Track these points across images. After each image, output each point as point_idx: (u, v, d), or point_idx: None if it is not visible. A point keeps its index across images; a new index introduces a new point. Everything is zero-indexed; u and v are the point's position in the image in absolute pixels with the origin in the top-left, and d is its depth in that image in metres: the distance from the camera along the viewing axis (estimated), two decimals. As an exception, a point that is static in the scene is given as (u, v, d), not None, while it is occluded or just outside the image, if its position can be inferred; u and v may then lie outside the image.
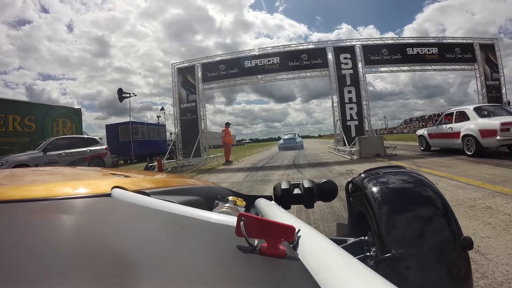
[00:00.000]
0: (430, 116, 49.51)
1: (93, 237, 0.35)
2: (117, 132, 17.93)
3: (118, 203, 0.50)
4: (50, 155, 8.73)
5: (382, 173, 0.87)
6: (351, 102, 9.79)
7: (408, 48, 10.60)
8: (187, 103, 11.20)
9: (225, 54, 11.12)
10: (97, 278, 0.23)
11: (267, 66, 10.36)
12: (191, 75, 11.22)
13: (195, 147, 10.33)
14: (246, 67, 10.55)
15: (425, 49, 10.79)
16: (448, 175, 4.19)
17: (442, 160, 6.16)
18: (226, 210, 0.60)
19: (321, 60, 10.14)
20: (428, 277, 0.61)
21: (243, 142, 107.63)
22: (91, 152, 10.21)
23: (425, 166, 5.32)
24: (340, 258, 0.32)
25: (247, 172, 6.94)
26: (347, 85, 9.88)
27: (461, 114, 7.07)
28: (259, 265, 0.29)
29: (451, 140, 7.26)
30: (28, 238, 0.32)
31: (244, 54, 10.81)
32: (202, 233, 0.40)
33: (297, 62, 10.24)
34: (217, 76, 10.89)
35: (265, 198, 0.96)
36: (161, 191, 0.65)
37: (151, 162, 10.68)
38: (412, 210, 0.70)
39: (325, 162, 7.65)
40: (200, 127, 10.92)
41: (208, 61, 11.16)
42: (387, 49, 10.35)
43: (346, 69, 9.94)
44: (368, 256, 0.73)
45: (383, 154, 7.73)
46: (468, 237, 0.64)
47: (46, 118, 13.35)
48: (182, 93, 11.28)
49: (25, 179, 0.74)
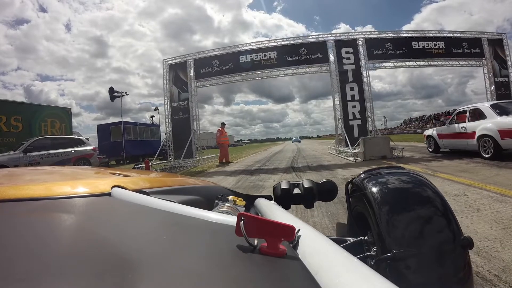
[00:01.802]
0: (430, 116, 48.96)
1: (93, 236, 0.34)
2: (108, 132, 17.56)
3: (118, 202, 0.50)
4: (31, 156, 8.24)
5: (381, 173, 0.87)
6: (353, 100, 9.12)
7: (413, 42, 9.97)
8: (178, 101, 10.51)
9: (219, 49, 10.43)
10: (97, 278, 0.23)
11: (264, 61, 9.65)
12: (183, 72, 10.53)
13: (186, 148, 9.65)
14: (242, 63, 9.85)
15: (431, 44, 10.18)
16: (473, 183, 3.53)
17: (457, 163, 5.51)
18: (226, 209, 0.60)
19: (321, 54, 9.45)
20: (428, 276, 0.61)
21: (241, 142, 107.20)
22: (76, 153, 9.83)
23: (441, 171, 4.66)
24: (341, 257, 0.32)
25: (240, 176, 6.28)
26: (349, 81, 9.20)
27: (475, 112, 6.42)
28: (259, 264, 0.30)
29: (464, 141, 6.61)
30: (27, 238, 0.31)
31: (239, 48, 10.11)
32: (202, 233, 0.40)
33: (295, 57, 9.53)
34: (210, 73, 10.20)
35: (265, 198, 0.95)
36: (161, 191, 0.65)
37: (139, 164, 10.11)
38: (412, 210, 0.70)
39: (327, 165, 6.95)
40: (193, 127, 10.23)
41: (201, 57, 10.47)
42: (392, 43, 9.71)
43: (348, 65, 9.26)
44: (369, 256, 0.72)
45: (389, 156, 7.06)
46: (468, 237, 0.65)
47: (34, 118, 12.94)
48: (173, 91, 10.60)
49: (25, 178, 0.72)
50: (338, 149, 9.61)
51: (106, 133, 17.45)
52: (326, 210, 2.73)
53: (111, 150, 16.44)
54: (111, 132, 17.32)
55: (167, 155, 10.64)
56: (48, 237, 0.32)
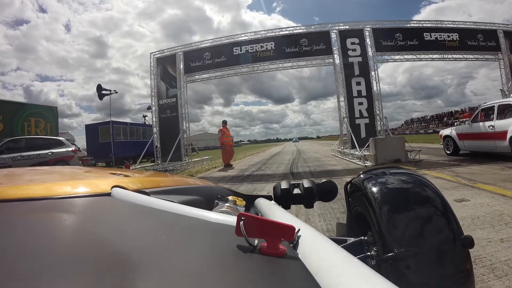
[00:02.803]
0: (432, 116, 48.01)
1: (93, 236, 0.34)
2: (97, 132, 16.54)
3: (118, 202, 0.50)
4: (2, 158, 7.44)
5: (381, 173, 0.87)
6: (360, 96, 8.14)
7: (425, 33, 9.02)
8: (166, 98, 9.55)
9: (211, 40, 9.46)
10: (97, 278, 0.23)
11: (260, 53, 8.67)
12: (172, 66, 9.56)
13: (174, 150, 8.67)
14: (236, 55, 8.87)
15: (445, 35, 9.24)
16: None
17: (491, 169, 4.54)
18: (226, 209, 0.60)
19: (324, 45, 8.48)
20: (430, 276, 0.61)
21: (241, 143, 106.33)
22: (54, 155, 8.88)
23: (479, 180, 3.68)
24: (341, 257, 0.32)
25: (230, 183, 5.31)
26: (355, 75, 8.23)
27: (506, 108, 5.47)
28: (259, 264, 0.30)
29: (491, 142, 5.66)
30: (27, 237, 0.32)
31: (233, 39, 9.13)
32: (202, 233, 0.40)
33: (295, 48, 8.55)
34: (201, 66, 9.23)
35: (265, 198, 0.96)
36: (161, 191, 0.65)
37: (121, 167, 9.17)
38: (413, 210, 0.70)
39: (332, 170, 5.97)
40: (182, 126, 9.25)
41: (192, 49, 9.50)
42: (401, 34, 8.75)
43: (353, 57, 8.29)
44: (369, 256, 0.71)
45: (404, 160, 6.09)
46: (468, 236, 0.64)
47: (16, 117, 11.98)
48: (161, 87, 9.64)
49: (24, 178, 0.73)
50: (343, 151, 8.63)
51: (94, 134, 16.40)
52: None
53: (100, 152, 15.63)
54: (100, 132, 16.26)
55: (154, 158, 9.69)
56: (48, 237, 0.32)
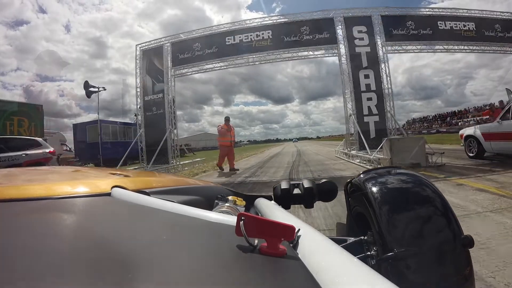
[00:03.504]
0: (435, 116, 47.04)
1: (93, 236, 0.34)
2: (85, 132, 15.67)
3: (118, 202, 0.50)
4: None
5: (381, 173, 0.87)
6: (369, 90, 7.20)
7: (439, 21, 8.10)
8: (152, 94, 8.60)
9: (202, 29, 8.50)
10: (97, 278, 0.23)
11: (256, 42, 7.71)
12: (159, 59, 8.61)
13: (158, 151, 7.72)
14: (229, 45, 7.92)
15: (460, 24, 8.33)
16: None
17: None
18: (226, 209, 0.60)
19: (327, 34, 7.53)
20: (430, 275, 0.62)
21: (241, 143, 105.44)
22: (28, 157, 7.86)
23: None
24: (341, 257, 0.32)
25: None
26: (363, 67, 7.29)
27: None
28: (259, 264, 0.30)
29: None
30: (27, 237, 0.31)
31: (226, 28, 8.19)
32: (202, 233, 0.40)
33: (295, 37, 7.59)
34: (190, 58, 8.28)
35: (265, 198, 0.96)
36: (161, 191, 0.65)
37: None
38: (413, 210, 0.70)
39: (340, 177, 5.01)
40: (169, 125, 8.30)
41: (181, 39, 8.55)
42: (414, 22, 7.81)
43: (361, 46, 7.35)
44: (369, 256, 0.72)
45: (424, 164, 5.13)
46: (468, 236, 0.64)
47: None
48: (146, 81, 8.68)
49: (24, 178, 0.72)
50: (349, 153, 7.68)
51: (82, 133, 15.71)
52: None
53: (88, 152, 15.01)
54: (88, 132, 15.54)
55: (139, 160, 8.74)
56: (48, 237, 0.32)
